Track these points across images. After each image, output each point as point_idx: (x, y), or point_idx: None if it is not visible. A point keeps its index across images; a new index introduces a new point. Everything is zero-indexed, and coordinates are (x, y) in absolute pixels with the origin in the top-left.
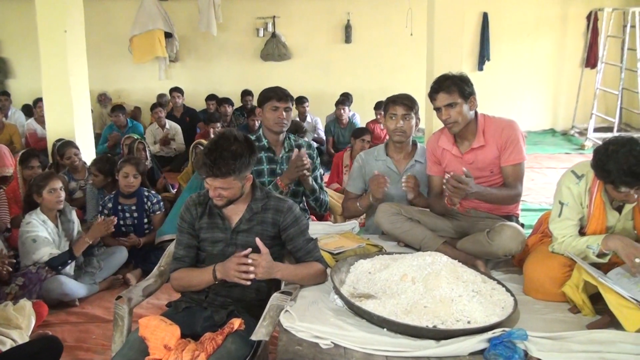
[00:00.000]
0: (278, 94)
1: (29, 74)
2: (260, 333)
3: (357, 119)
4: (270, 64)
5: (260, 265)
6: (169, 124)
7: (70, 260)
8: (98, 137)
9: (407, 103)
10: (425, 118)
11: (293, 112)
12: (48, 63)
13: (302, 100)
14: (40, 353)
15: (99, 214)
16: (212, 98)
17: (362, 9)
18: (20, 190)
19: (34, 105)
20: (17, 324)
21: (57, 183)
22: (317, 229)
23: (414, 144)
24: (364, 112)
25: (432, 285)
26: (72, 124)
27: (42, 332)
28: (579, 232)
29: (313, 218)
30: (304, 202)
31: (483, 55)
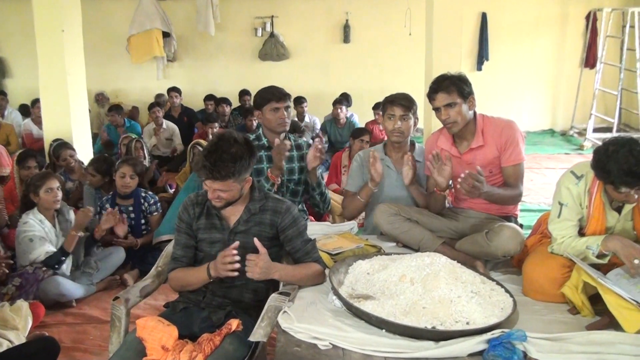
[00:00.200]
0: (276, 95)
1: (26, 74)
2: (258, 334)
3: (355, 119)
4: (269, 64)
5: (258, 266)
6: (167, 124)
7: (64, 257)
8: (95, 136)
9: (405, 103)
10: (424, 118)
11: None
12: (45, 62)
13: (300, 101)
14: (37, 354)
15: (97, 215)
16: (210, 98)
17: (360, 9)
18: (17, 191)
19: (32, 106)
20: (13, 325)
21: (54, 182)
22: (315, 230)
23: (412, 144)
24: (363, 112)
25: (430, 286)
26: (69, 124)
27: (38, 333)
28: (579, 232)
29: (311, 218)
30: (303, 203)
31: (482, 55)
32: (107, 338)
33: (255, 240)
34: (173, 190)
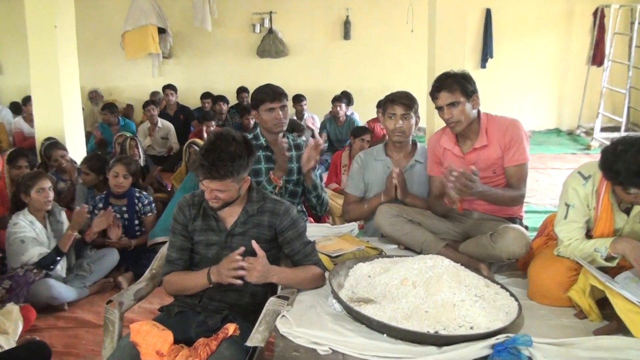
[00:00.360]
0: (270, 95)
1: (18, 71)
2: (256, 339)
3: (356, 118)
4: (267, 61)
5: (256, 269)
6: (162, 123)
7: (59, 258)
8: (89, 135)
9: (406, 102)
10: (427, 117)
11: (290, 110)
12: (37, 59)
13: (299, 99)
14: (28, 359)
15: (90, 215)
16: (207, 96)
17: (361, 5)
18: (8, 191)
19: (23, 104)
20: (3, 329)
21: (45, 182)
22: (315, 231)
23: (414, 144)
24: (363, 110)
25: (433, 290)
26: (61, 122)
27: (29, 337)
28: (586, 235)
29: (311, 220)
30: (302, 204)
31: (486, 53)
32: (100, 343)
33: (253, 243)
34: (168, 191)
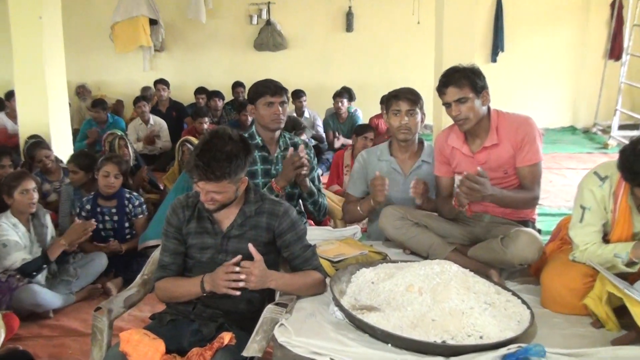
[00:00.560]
0: (271, 88)
1: (0, 64)
2: (253, 349)
3: (359, 115)
4: (265, 55)
5: (253, 274)
6: (154, 119)
7: (45, 266)
8: (76, 133)
9: (411, 97)
10: (433, 114)
11: (289, 107)
12: (21, 52)
13: (299, 95)
14: None
15: (77, 217)
16: (201, 91)
17: None
18: None
19: (7, 99)
20: None
21: (30, 184)
22: (315, 235)
23: (420, 142)
24: (366, 106)
25: (440, 297)
26: (47, 119)
27: (12, 346)
28: (602, 239)
29: (311, 223)
30: (301, 205)
31: (497, 46)
32: (87, 352)
33: (250, 246)
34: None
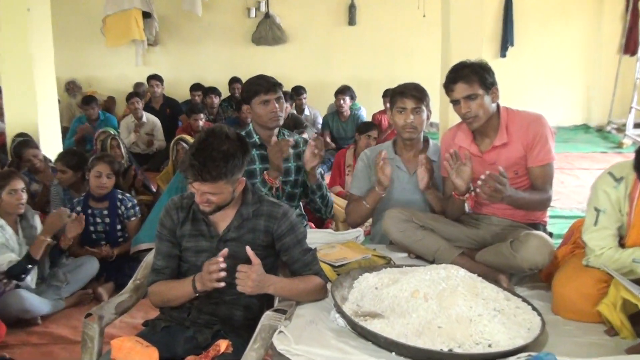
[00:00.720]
0: (264, 86)
1: None
2: (250, 357)
3: (362, 114)
4: (263, 49)
5: (251, 279)
6: (147, 117)
7: (31, 266)
8: (65, 131)
9: (416, 94)
10: (440, 111)
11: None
12: (8, 46)
13: (299, 91)
14: None
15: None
16: (197, 88)
17: None
18: None
19: None
20: None
21: (18, 183)
22: (316, 238)
23: (426, 141)
24: (369, 104)
25: (447, 303)
26: (35, 116)
27: None
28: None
29: (312, 225)
30: (301, 206)
31: (506, 40)
32: None
33: (248, 250)
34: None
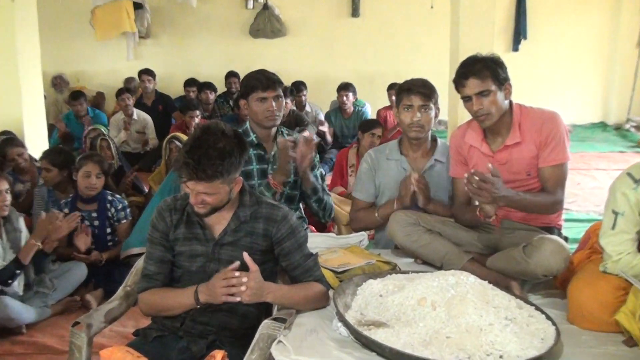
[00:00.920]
0: (262, 82)
1: None
2: None
3: (367, 110)
4: (261, 42)
5: (249, 286)
6: (138, 114)
7: (19, 271)
8: (52, 128)
9: (424, 91)
10: (449, 108)
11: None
12: None
13: (299, 87)
14: None
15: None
16: (191, 83)
17: None
18: None
19: None
20: None
21: (2, 184)
22: (317, 242)
23: (434, 140)
24: (374, 100)
25: (456, 312)
26: (20, 113)
27: None
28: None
29: (313, 229)
30: (302, 209)
31: (518, 33)
32: None
33: (245, 255)
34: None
